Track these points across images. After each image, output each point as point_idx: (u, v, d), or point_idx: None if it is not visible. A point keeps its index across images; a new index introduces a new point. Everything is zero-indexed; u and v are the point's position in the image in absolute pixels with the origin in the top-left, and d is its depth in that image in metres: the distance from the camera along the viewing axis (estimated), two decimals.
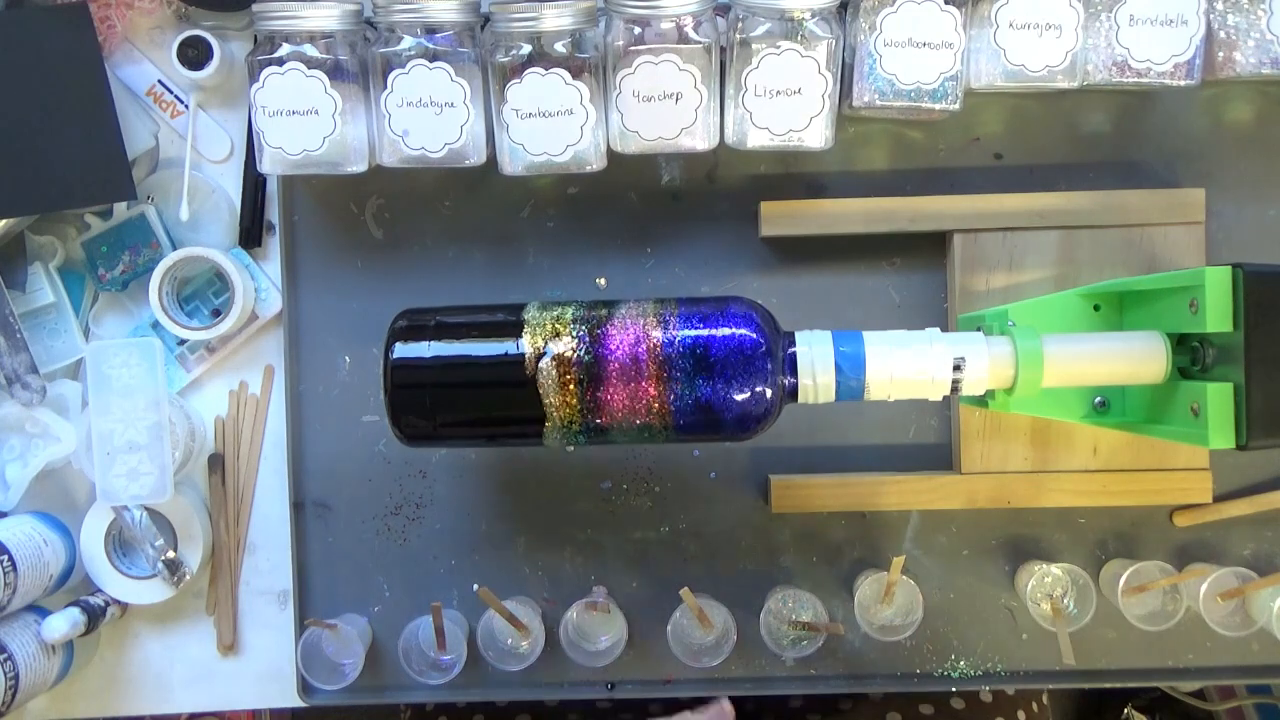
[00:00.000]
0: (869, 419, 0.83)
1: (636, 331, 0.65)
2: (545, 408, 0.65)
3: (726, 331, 0.65)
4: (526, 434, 0.67)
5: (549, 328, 0.66)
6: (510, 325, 0.66)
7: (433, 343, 0.66)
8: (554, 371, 0.64)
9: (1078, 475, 0.80)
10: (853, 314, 0.83)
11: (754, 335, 0.65)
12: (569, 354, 0.65)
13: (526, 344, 0.65)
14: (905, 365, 0.65)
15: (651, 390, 0.64)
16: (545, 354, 0.65)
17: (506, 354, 0.65)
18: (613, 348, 0.65)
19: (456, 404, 0.68)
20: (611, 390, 0.64)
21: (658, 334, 0.65)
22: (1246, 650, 0.84)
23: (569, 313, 0.67)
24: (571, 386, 0.64)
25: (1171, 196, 0.79)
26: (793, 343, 0.66)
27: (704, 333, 0.65)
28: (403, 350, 0.66)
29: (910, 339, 0.66)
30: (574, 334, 0.65)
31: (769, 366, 0.64)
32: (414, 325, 0.68)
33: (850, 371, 0.65)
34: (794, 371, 0.65)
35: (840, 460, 0.83)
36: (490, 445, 0.83)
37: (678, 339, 0.65)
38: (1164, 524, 0.83)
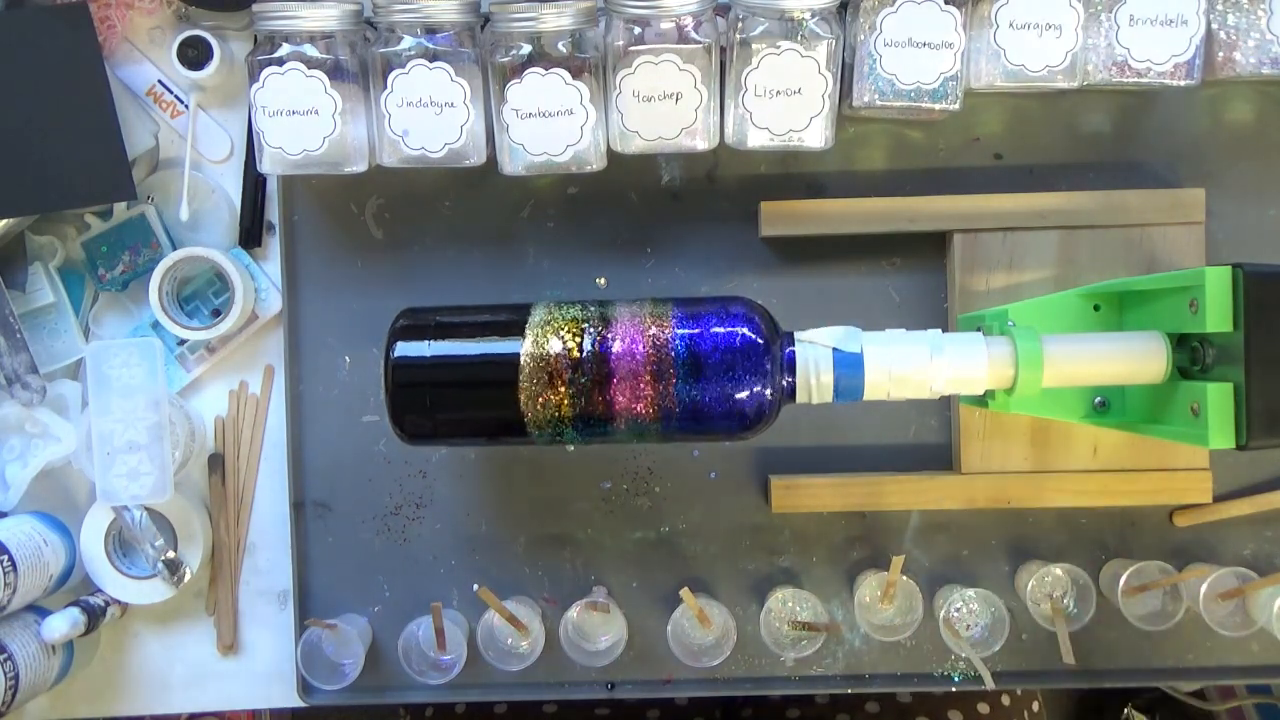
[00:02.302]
0: (869, 419, 0.83)
1: (636, 331, 0.65)
2: (544, 407, 0.65)
3: (726, 331, 0.65)
4: (521, 433, 0.67)
5: (548, 327, 0.66)
6: (510, 325, 0.67)
7: (433, 342, 0.67)
8: (553, 371, 0.64)
9: (1078, 475, 0.80)
10: (852, 314, 0.82)
11: (753, 335, 0.65)
12: (568, 353, 0.65)
13: (525, 344, 0.65)
14: (903, 365, 0.65)
15: (651, 389, 0.64)
16: (543, 353, 0.65)
17: (506, 354, 0.65)
18: (612, 347, 0.65)
19: (457, 403, 0.68)
20: (611, 390, 0.65)
21: (657, 333, 0.65)
22: (1246, 650, 0.84)
23: (568, 312, 0.67)
24: (571, 386, 0.65)
25: (1171, 196, 0.79)
26: (791, 343, 0.66)
27: (703, 332, 0.65)
28: (403, 349, 0.67)
29: (908, 339, 0.66)
30: (573, 334, 0.65)
31: (767, 366, 0.64)
32: (415, 325, 0.68)
33: (848, 371, 0.65)
34: (792, 371, 0.65)
35: (840, 460, 0.83)
36: (491, 444, 0.83)
37: (677, 338, 0.65)
38: (1164, 524, 0.83)
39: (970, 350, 0.66)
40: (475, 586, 0.80)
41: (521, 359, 0.65)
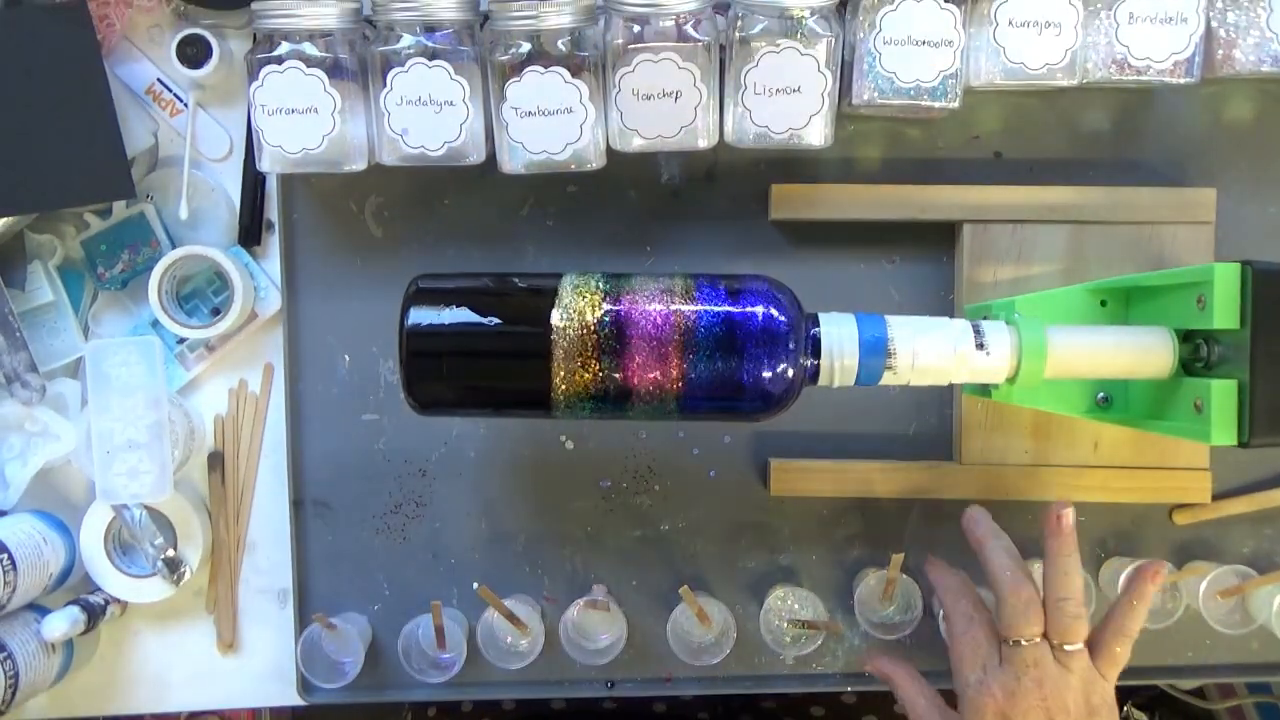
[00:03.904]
0: (870, 409, 0.83)
1: (662, 303, 0.64)
2: (564, 378, 0.63)
3: (753, 309, 0.64)
4: (544, 405, 0.65)
5: (571, 296, 0.64)
6: (531, 292, 0.65)
7: (451, 308, 0.64)
8: (574, 341, 0.63)
9: (1078, 470, 0.80)
10: (854, 307, 0.82)
11: (779, 314, 0.64)
12: (590, 323, 0.63)
13: (555, 313, 0.63)
14: (928, 350, 0.64)
15: (674, 364, 0.63)
16: (575, 324, 0.63)
17: (525, 322, 0.64)
18: (636, 319, 0.63)
19: (478, 372, 0.66)
20: (633, 362, 0.63)
21: (684, 307, 0.64)
22: (1246, 648, 0.84)
23: (592, 282, 0.65)
24: (591, 357, 0.63)
25: (1182, 195, 0.80)
26: (816, 324, 0.65)
27: (730, 308, 0.64)
28: (419, 316, 0.64)
29: (934, 325, 0.65)
30: (596, 304, 0.64)
31: (792, 346, 0.64)
32: (431, 289, 0.66)
33: (873, 355, 0.64)
34: (816, 353, 0.65)
35: (842, 452, 0.83)
36: (506, 415, 0.81)
37: (704, 313, 0.63)
38: (1164, 522, 0.83)
39: (994, 338, 0.65)
40: (475, 585, 0.80)
41: (551, 329, 0.63)
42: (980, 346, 0.65)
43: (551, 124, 0.72)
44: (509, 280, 0.67)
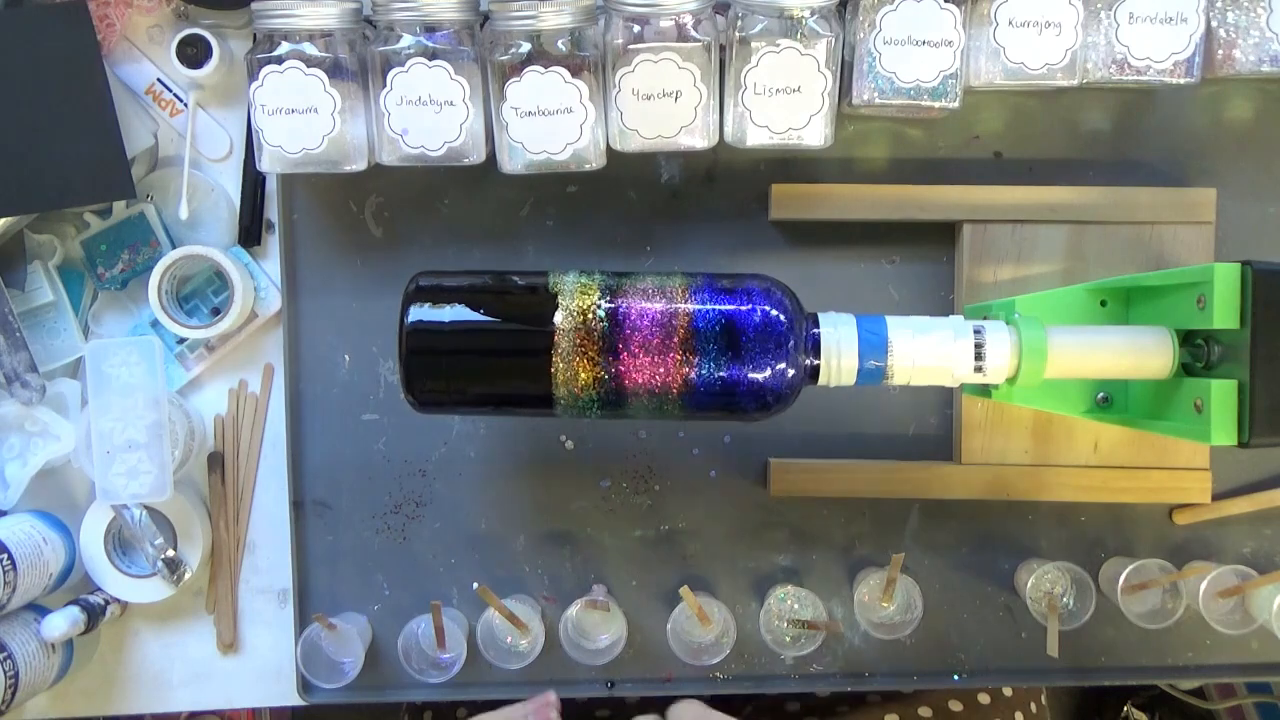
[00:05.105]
0: (870, 409, 0.83)
1: (663, 302, 0.64)
2: (565, 376, 0.63)
3: (752, 309, 0.64)
4: (544, 403, 0.65)
5: (573, 295, 0.64)
6: (533, 290, 0.65)
7: (451, 306, 0.64)
8: (576, 339, 0.63)
9: (1078, 470, 0.80)
10: (854, 307, 0.82)
11: (779, 313, 0.64)
12: (592, 322, 0.63)
13: (549, 310, 0.63)
14: (928, 351, 0.64)
15: (674, 363, 0.63)
16: (568, 321, 0.63)
17: (527, 320, 0.64)
18: (637, 318, 0.63)
19: (474, 370, 0.66)
20: (634, 361, 0.63)
21: (684, 306, 0.64)
22: (1246, 648, 0.84)
23: (593, 281, 0.65)
24: (593, 355, 0.62)
25: (1182, 195, 0.80)
26: (816, 324, 0.65)
27: (730, 308, 0.64)
28: (419, 313, 0.64)
29: (934, 325, 0.65)
30: (598, 302, 0.63)
31: (792, 346, 0.64)
32: (432, 287, 0.65)
33: (873, 355, 0.64)
34: (816, 353, 0.65)
35: (841, 452, 0.83)
36: (506, 414, 0.81)
37: (704, 312, 0.63)
38: (1163, 522, 0.83)
39: (994, 337, 0.65)
40: (475, 585, 0.80)
41: (553, 327, 0.63)
42: (980, 347, 0.65)
43: (551, 124, 0.72)
44: (510, 278, 0.67)
